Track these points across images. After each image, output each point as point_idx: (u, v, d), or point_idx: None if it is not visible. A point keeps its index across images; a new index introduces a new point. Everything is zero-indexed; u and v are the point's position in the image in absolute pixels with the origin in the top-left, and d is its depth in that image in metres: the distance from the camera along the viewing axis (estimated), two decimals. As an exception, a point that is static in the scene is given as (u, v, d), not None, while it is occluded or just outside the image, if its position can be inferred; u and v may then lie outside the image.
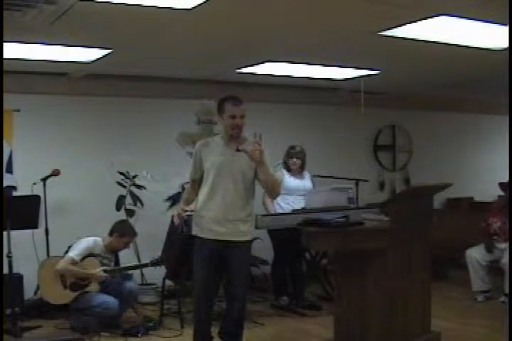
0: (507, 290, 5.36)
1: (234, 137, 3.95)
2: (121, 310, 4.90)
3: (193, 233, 4.01)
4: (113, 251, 5.05)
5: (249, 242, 4.07)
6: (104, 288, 4.83)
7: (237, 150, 3.86)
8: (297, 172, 5.75)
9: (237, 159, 3.90)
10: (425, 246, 4.24)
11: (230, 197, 3.90)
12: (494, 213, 5.77)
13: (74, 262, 4.78)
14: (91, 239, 4.95)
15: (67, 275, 4.78)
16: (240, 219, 3.93)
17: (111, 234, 5.00)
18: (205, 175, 3.97)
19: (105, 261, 4.93)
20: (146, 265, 5.03)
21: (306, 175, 5.85)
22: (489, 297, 5.64)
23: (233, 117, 3.88)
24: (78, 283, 4.79)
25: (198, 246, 3.99)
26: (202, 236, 3.95)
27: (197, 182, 4.04)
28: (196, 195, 4.04)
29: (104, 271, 4.79)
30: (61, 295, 4.79)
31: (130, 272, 5.15)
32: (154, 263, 4.92)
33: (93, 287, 4.79)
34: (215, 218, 3.90)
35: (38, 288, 5.18)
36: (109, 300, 4.77)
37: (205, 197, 3.95)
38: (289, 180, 5.68)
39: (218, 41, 4.67)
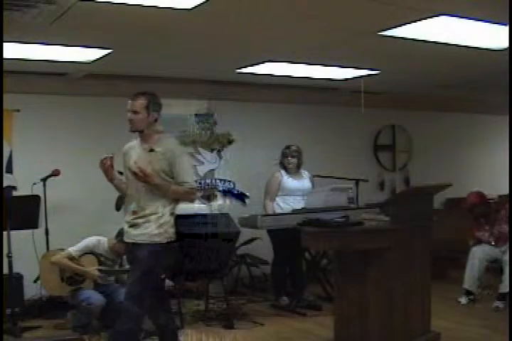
0: (503, 289, 5.31)
1: (146, 136, 3.80)
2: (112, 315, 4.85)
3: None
4: (117, 254, 5.03)
5: (159, 245, 3.70)
6: (103, 290, 4.80)
7: (150, 150, 3.76)
8: (294, 171, 5.70)
9: (150, 159, 3.71)
10: (425, 246, 4.24)
11: (142, 199, 3.71)
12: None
13: (71, 257, 4.77)
14: (95, 237, 4.94)
15: (65, 268, 4.79)
16: (148, 221, 3.69)
17: (116, 236, 4.97)
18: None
19: (108, 262, 4.90)
20: None
21: (305, 174, 5.82)
22: (473, 300, 5.56)
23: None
24: (75, 278, 4.79)
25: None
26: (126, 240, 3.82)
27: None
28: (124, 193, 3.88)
29: (100, 270, 4.78)
30: (57, 287, 4.80)
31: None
32: None
33: (88, 284, 4.78)
34: (129, 220, 3.75)
35: (38, 277, 5.18)
36: (94, 295, 4.69)
37: (125, 200, 3.85)
38: (288, 181, 5.65)
39: (218, 41, 4.67)
